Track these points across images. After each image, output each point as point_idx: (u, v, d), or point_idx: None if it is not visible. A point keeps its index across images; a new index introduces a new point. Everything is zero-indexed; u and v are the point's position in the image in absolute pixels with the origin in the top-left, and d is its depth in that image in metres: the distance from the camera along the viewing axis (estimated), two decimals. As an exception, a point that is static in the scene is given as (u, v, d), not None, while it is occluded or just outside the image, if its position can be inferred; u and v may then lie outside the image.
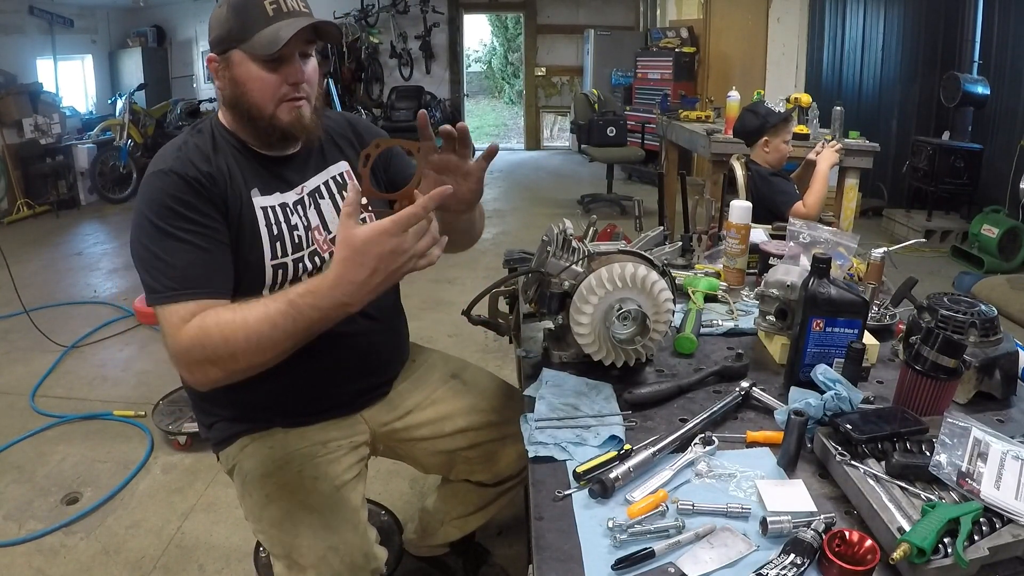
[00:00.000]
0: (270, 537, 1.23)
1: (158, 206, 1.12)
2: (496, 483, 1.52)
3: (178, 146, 1.20)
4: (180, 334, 1.05)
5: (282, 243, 1.22)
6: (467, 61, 11.55)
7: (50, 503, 2.25)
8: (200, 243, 1.12)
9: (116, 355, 3.42)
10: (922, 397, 1.07)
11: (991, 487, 0.87)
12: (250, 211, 1.20)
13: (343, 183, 1.34)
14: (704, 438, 1.05)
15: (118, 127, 6.76)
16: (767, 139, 2.75)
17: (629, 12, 9.00)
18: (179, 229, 1.11)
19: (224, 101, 1.23)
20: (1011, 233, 4.51)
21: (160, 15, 8.55)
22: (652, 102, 6.81)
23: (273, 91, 1.18)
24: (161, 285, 1.09)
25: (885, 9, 5.75)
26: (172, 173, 1.14)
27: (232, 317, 1.04)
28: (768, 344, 1.38)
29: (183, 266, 1.09)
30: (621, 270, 1.17)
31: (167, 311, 1.08)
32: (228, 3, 1.17)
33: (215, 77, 1.22)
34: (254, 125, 1.21)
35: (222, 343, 1.03)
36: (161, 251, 1.10)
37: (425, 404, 1.45)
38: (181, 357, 1.06)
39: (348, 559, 1.19)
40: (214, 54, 1.20)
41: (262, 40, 1.14)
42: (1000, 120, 4.95)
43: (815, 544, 0.82)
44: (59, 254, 5.18)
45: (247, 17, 1.15)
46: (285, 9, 1.17)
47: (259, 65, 1.16)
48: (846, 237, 1.62)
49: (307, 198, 1.28)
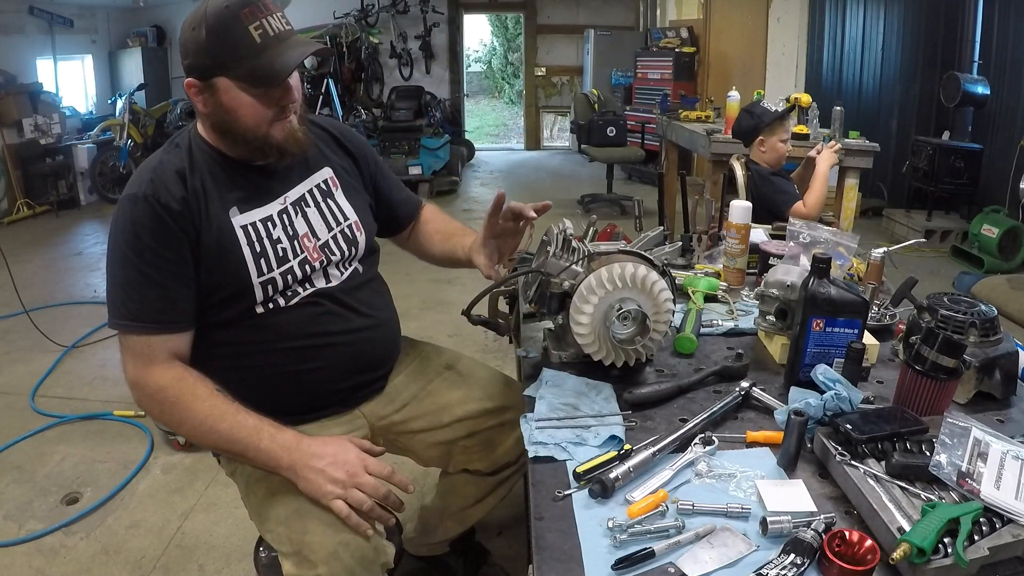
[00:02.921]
0: (278, 536, 1.22)
1: (128, 233, 1.16)
2: (494, 471, 1.52)
3: (153, 167, 1.20)
4: (151, 369, 1.17)
5: (266, 259, 1.23)
6: (467, 61, 11.55)
7: (50, 503, 2.26)
8: (158, 277, 1.16)
9: (116, 355, 3.37)
10: (922, 397, 1.07)
11: (991, 487, 0.87)
12: (229, 234, 1.21)
13: (327, 190, 1.36)
14: (704, 438, 1.05)
15: (118, 127, 6.76)
16: (762, 138, 2.75)
17: (629, 12, 9.01)
18: (143, 261, 1.15)
19: (210, 124, 1.22)
20: (1011, 233, 4.51)
21: (160, 15, 8.54)
22: (652, 102, 6.82)
23: (265, 114, 1.18)
24: (121, 312, 1.17)
25: (885, 9, 5.75)
26: (144, 200, 1.15)
27: (204, 399, 1.17)
28: (768, 344, 1.38)
29: (141, 299, 1.16)
30: (621, 270, 1.17)
31: (127, 339, 1.19)
32: (207, 27, 1.13)
33: (195, 100, 1.20)
34: (245, 145, 1.21)
35: (184, 409, 1.17)
36: (125, 279, 1.17)
37: (422, 396, 1.46)
38: (142, 387, 1.19)
39: (359, 553, 1.19)
40: (194, 79, 1.17)
41: (257, 73, 1.14)
42: (1000, 120, 4.95)
43: (815, 544, 0.82)
44: (59, 254, 5.18)
45: (231, 45, 1.12)
46: (272, 33, 1.15)
47: (249, 92, 1.16)
48: (846, 237, 1.62)
49: (291, 208, 1.29)
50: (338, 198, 1.38)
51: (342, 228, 1.36)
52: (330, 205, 1.36)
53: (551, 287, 1.21)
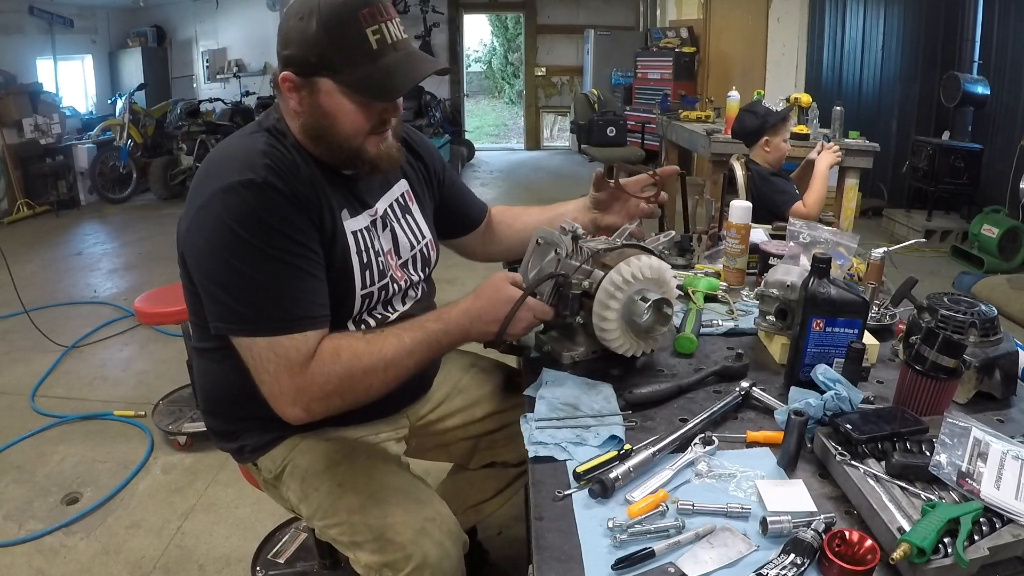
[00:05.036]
0: (351, 525, 1.18)
1: (255, 223, 1.00)
2: (519, 463, 1.53)
3: (261, 151, 1.06)
4: (311, 367, 1.03)
5: (371, 271, 1.17)
6: (467, 61, 11.55)
7: (50, 503, 2.26)
8: (307, 268, 1.04)
9: (116, 355, 3.42)
10: (922, 397, 1.07)
11: (991, 487, 0.87)
12: (343, 237, 1.13)
13: (405, 205, 1.30)
14: (704, 438, 1.05)
15: (118, 127, 6.76)
16: (767, 139, 2.75)
17: (629, 12, 9.01)
18: (284, 252, 1.02)
19: (301, 125, 1.11)
20: (1011, 233, 4.51)
21: (160, 15, 8.54)
22: (652, 102, 6.82)
23: (366, 126, 1.09)
24: (268, 315, 1.01)
25: (885, 9, 5.75)
26: (267, 186, 1.01)
27: (368, 348, 1.06)
28: (768, 344, 1.38)
29: (295, 295, 1.02)
30: (640, 264, 1.19)
31: (281, 343, 1.02)
32: (319, 20, 1.01)
33: (287, 95, 1.08)
34: (335, 153, 1.12)
35: (361, 375, 1.06)
36: (267, 277, 1.01)
37: (454, 394, 1.47)
38: (309, 389, 1.04)
39: (445, 527, 1.18)
40: (292, 74, 1.05)
41: (369, 84, 1.04)
42: (1000, 120, 4.95)
43: (815, 544, 0.82)
44: (59, 254, 5.18)
45: (346, 45, 1.02)
46: (390, 40, 1.04)
47: (353, 99, 1.06)
48: (846, 237, 1.62)
49: (379, 221, 1.23)
50: (415, 213, 1.32)
51: (420, 247, 1.31)
52: (409, 222, 1.30)
53: (571, 288, 1.21)
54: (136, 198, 6.87)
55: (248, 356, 1.05)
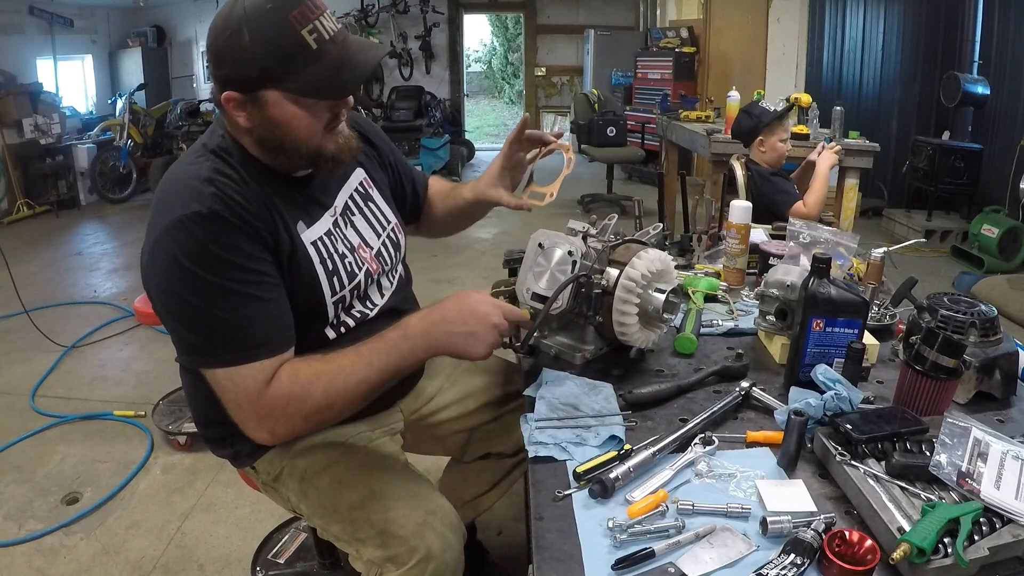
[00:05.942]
0: (353, 521, 1.18)
1: (204, 257, 0.99)
2: (515, 452, 1.53)
3: (206, 178, 1.03)
4: (268, 392, 1.03)
5: (339, 277, 1.16)
6: (467, 61, 11.54)
7: (50, 503, 2.26)
8: (260, 294, 1.03)
9: (116, 355, 3.42)
10: (922, 397, 1.07)
11: (991, 487, 0.87)
12: (302, 251, 1.11)
13: (365, 192, 1.29)
14: (704, 438, 1.05)
15: (118, 127, 6.76)
16: (762, 138, 2.75)
17: (629, 12, 9.00)
18: (236, 281, 1.00)
19: (255, 140, 1.07)
20: (1011, 233, 4.51)
21: (160, 15, 8.54)
22: (652, 102, 6.81)
23: (320, 126, 1.07)
24: (227, 347, 1.02)
25: (885, 9, 5.75)
26: (214, 216, 0.99)
27: (326, 367, 1.05)
28: (768, 344, 1.38)
29: (248, 324, 1.02)
30: (649, 257, 1.24)
31: (238, 373, 1.02)
32: (250, 34, 0.97)
33: (233, 114, 1.04)
34: (297, 158, 1.09)
35: (322, 394, 1.04)
36: (220, 309, 1.00)
37: (446, 387, 1.48)
38: (272, 414, 1.04)
39: (447, 520, 1.18)
40: (234, 92, 1.02)
41: (319, 86, 1.01)
42: (1000, 120, 4.95)
43: (815, 544, 0.82)
44: (59, 254, 5.18)
45: (284, 54, 0.98)
46: (328, 36, 1.01)
47: (301, 103, 1.03)
48: (846, 237, 1.62)
49: (340, 218, 1.21)
50: (376, 199, 1.31)
51: (387, 232, 1.31)
52: (372, 209, 1.29)
53: (591, 288, 1.22)
54: (136, 198, 6.86)
55: (213, 384, 1.06)
